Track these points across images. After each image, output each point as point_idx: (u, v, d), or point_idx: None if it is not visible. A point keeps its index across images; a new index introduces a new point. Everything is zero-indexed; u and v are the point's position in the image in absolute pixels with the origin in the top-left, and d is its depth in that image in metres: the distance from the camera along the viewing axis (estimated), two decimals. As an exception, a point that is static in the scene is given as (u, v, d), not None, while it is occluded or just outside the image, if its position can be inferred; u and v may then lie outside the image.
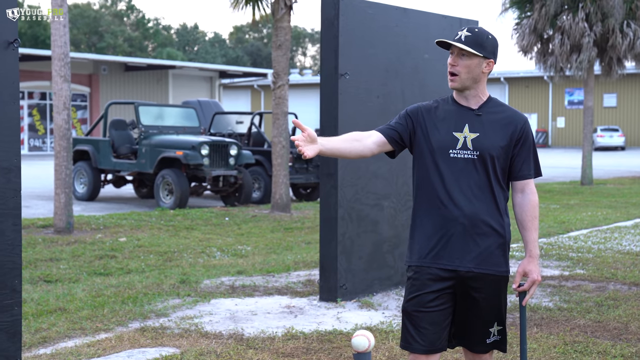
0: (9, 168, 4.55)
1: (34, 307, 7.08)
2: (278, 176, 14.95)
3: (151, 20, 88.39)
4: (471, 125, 3.62)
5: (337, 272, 7.31)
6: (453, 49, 3.63)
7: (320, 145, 3.53)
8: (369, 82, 7.57)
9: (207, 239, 11.84)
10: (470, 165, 3.59)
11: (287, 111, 15.04)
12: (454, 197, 3.58)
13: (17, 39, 4.54)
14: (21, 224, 4.62)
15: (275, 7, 14.82)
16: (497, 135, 3.61)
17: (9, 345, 4.58)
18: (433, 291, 3.59)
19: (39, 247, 10.75)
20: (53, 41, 11.99)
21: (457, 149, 3.59)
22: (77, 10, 79.56)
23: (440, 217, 3.60)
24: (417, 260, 3.65)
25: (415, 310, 3.60)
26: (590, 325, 6.54)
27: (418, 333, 3.59)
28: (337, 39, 7.22)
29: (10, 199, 4.56)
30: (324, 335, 6.18)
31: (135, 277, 8.71)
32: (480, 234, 3.59)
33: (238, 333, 6.28)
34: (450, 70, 3.63)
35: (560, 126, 55.11)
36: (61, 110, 12.09)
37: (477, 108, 3.66)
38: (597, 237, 11.64)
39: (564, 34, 22.11)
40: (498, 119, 3.65)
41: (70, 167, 12.22)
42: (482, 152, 3.59)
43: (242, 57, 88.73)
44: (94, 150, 17.63)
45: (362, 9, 7.47)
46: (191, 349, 5.77)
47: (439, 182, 3.60)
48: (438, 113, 3.68)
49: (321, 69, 7.39)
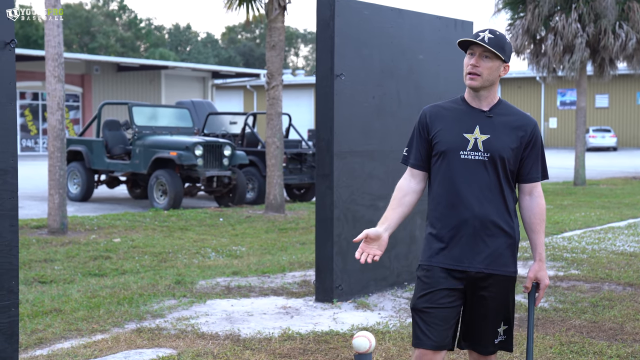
0: (6, 169, 4.53)
1: (29, 308, 7.06)
2: (272, 177, 14.95)
3: (143, 21, 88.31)
4: (482, 126, 3.65)
5: (333, 273, 7.31)
6: (475, 49, 3.63)
7: (385, 232, 3.77)
8: (364, 83, 7.58)
9: (201, 240, 11.83)
10: (481, 166, 3.62)
11: (281, 112, 15.04)
12: (464, 199, 3.61)
13: (14, 40, 4.53)
14: (18, 225, 4.61)
15: (269, 7, 14.82)
16: (508, 137, 3.64)
17: (6, 347, 4.57)
18: (444, 289, 3.63)
19: (33, 248, 10.72)
20: (47, 41, 11.97)
21: (468, 150, 3.62)
22: (69, 11, 79.39)
23: (451, 218, 3.64)
24: (427, 260, 3.69)
25: (426, 307, 3.63)
26: (586, 325, 6.55)
27: (429, 329, 3.61)
28: (332, 40, 7.23)
29: (7, 200, 4.54)
30: (320, 336, 6.18)
31: (130, 277, 8.70)
32: (490, 235, 3.63)
33: (234, 334, 6.27)
34: (473, 71, 3.62)
35: (552, 127, 55.25)
36: (55, 110, 12.07)
37: (489, 110, 3.69)
38: (591, 238, 11.67)
39: (556, 35, 22.15)
40: (509, 121, 3.68)
41: (64, 167, 12.19)
42: (492, 153, 3.62)
43: (234, 58, 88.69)
44: (88, 151, 17.59)
45: (358, 10, 7.48)
46: (188, 349, 5.76)
47: (450, 183, 3.64)
48: (448, 114, 3.71)
49: (317, 70, 7.40)
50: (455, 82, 8.53)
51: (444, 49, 8.47)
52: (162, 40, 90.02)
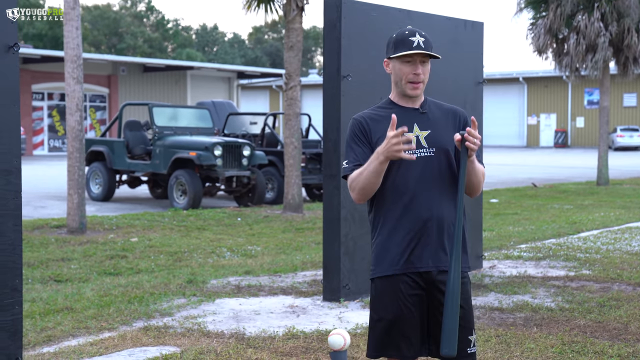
0: (9, 170, 4.63)
1: (42, 306, 7.18)
2: (290, 177, 15.03)
3: (171, 21, 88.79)
4: (420, 123, 3.61)
5: (340, 273, 7.37)
6: (413, 57, 3.59)
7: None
8: (372, 84, 7.62)
9: (218, 239, 11.93)
10: (430, 163, 3.57)
11: (299, 112, 15.13)
12: (422, 199, 3.56)
13: (17, 43, 4.62)
14: (22, 225, 4.70)
15: (287, 8, 14.91)
16: (446, 128, 3.62)
17: (10, 344, 4.67)
18: (410, 295, 3.56)
19: (51, 247, 10.88)
20: (66, 43, 12.13)
21: (414, 149, 3.54)
22: (97, 12, 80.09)
23: (409, 220, 3.56)
24: (388, 269, 3.59)
25: (389, 318, 3.57)
26: (591, 325, 6.56)
27: (403, 340, 3.55)
28: (339, 41, 7.28)
29: (11, 200, 4.64)
30: (324, 335, 6.23)
31: (144, 277, 8.81)
32: (449, 233, 3.58)
33: (239, 332, 6.35)
34: (416, 80, 3.59)
35: (579, 126, 54.86)
36: (74, 111, 12.23)
37: (420, 107, 3.66)
38: (607, 238, 11.62)
39: (579, 34, 22.02)
40: (441, 114, 3.67)
41: (83, 167, 12.35)
42: (437, 148, 3.58)
43: (261, 58, 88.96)
44: (109, 151, 17.78)
45: (365, 12, 7.53)
46: (191, 347, 5.84)
47: (404, 185, 3.56)
48: (383, 119, 3.63)
49: (324, 71, 7.46)
50: (464, 83, 8.55)
51: (454, 50, 8.49)
52: (190, 41, 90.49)
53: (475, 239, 8.97)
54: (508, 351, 5.79)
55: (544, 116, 56.31)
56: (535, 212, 15.70)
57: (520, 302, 7.40)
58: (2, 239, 4.57)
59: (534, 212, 15.70)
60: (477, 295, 7.78)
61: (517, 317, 6.87)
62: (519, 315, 6.94)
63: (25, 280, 8.66)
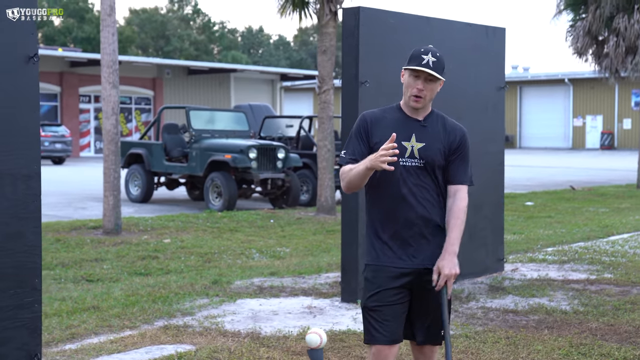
0: (29, 175, 4.86)
1: (70, 304, 7.42)
2: (323, 179, 15.21)
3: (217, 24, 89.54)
4: (417, 135, 3.94)
5: (357, 274, 7.51)
6: (420, 73, 3.89)
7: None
8: (390, 90, 7.75)
9: (248, 241, 12.14)
10: (418, 172, 3.91)
11: (332, 115, 15.31)
12: (408, 200, 3.90)
13: (37, 54, 4.85)
14: (41, 227, 4.93)
15: (321, 13, 15.12)
16: (440, 144, 3.95)
17: (30, 340, 4.90)
18: (393, 287, 3.90)
19: (86, 248, 11.19)
20: (102, 49, 12.45)
21: (406, 157, 3.91)
22: (145, 15, 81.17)
23: (395, 219, 3.92)
24: (375, 260, 3.96)
25: (378, 305, 3.90)
26: (602, 328, 6.63)
27: (382, 326, 3.89)
28: (357, 48, 7.44)
29: (31, 203, 4.87)
30: (337, 335, 6.40)
31: (172, 277, 9.04)
32: (433, 233, 3.95)
33: (255, 332, 6.54)
34: (418, 94, 3.89)
35: (626, 128, 54.19)
36: (110, 115, 12.55)
37: (423, 120, 3.98)
38: (635, 242, 11.60)
39: (619, 36, 21.87)
40: (440, 129, 3.99)
41: (118, 170, 12.66)
42: (427, 160, 3.92)
43: (305, 60, 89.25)
44: (147, 154, 18.14)
45: (384, 19, 7.67)
46: (206, 346, 6.04)
47: (393, 186, 3.91)
48: (386, 122, 3.96)
49: (342, 77, 7.62)
50: (485, 89, 8.64)
51: (475, 56, 8.59)
52: (235, 43, 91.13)
53: (496, 242, 9.04)
54: (515, 352, 5.89)
55: (590, 118, 55.74)
56: (569, 215, 15.66)
57: (535, 305, 7.48)
58: (22, 241, 4.81)
59: (568, 215, 15.67)
60: (495, 297, 7.88)
61: (530, 320, 6.95)
62: (532, 318, 7.02)
63: (58, 280, 8.95)
